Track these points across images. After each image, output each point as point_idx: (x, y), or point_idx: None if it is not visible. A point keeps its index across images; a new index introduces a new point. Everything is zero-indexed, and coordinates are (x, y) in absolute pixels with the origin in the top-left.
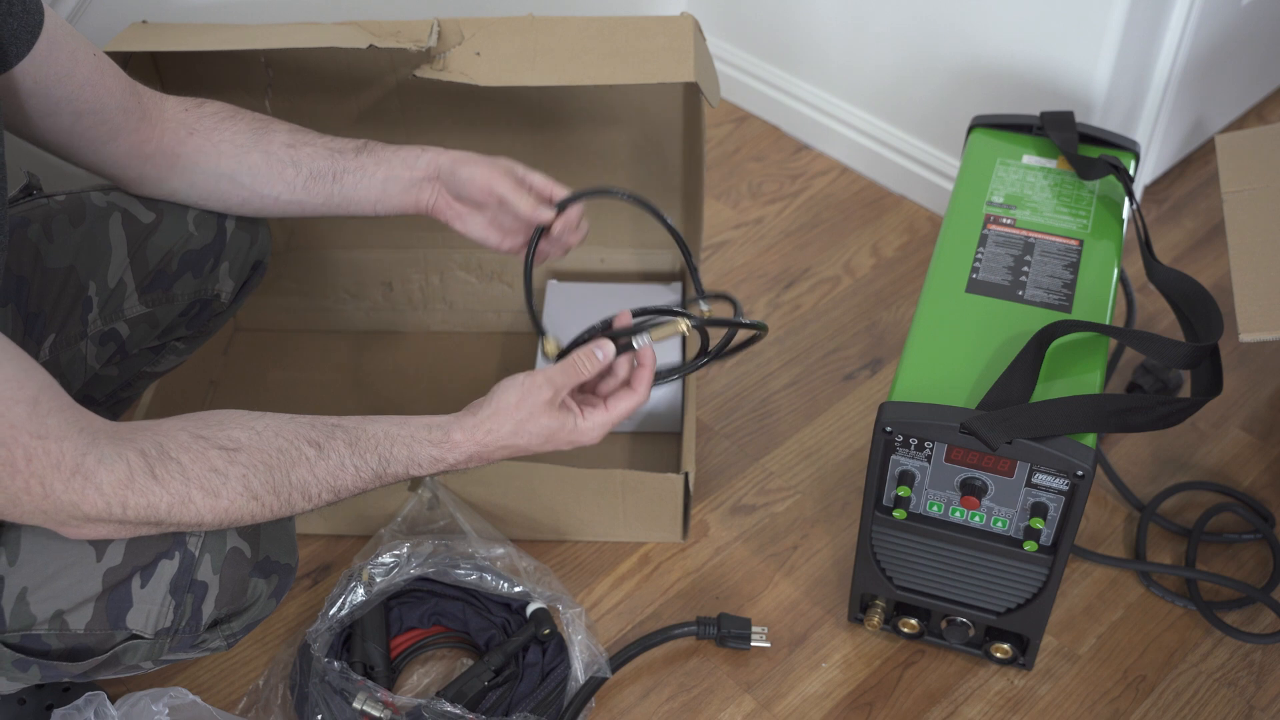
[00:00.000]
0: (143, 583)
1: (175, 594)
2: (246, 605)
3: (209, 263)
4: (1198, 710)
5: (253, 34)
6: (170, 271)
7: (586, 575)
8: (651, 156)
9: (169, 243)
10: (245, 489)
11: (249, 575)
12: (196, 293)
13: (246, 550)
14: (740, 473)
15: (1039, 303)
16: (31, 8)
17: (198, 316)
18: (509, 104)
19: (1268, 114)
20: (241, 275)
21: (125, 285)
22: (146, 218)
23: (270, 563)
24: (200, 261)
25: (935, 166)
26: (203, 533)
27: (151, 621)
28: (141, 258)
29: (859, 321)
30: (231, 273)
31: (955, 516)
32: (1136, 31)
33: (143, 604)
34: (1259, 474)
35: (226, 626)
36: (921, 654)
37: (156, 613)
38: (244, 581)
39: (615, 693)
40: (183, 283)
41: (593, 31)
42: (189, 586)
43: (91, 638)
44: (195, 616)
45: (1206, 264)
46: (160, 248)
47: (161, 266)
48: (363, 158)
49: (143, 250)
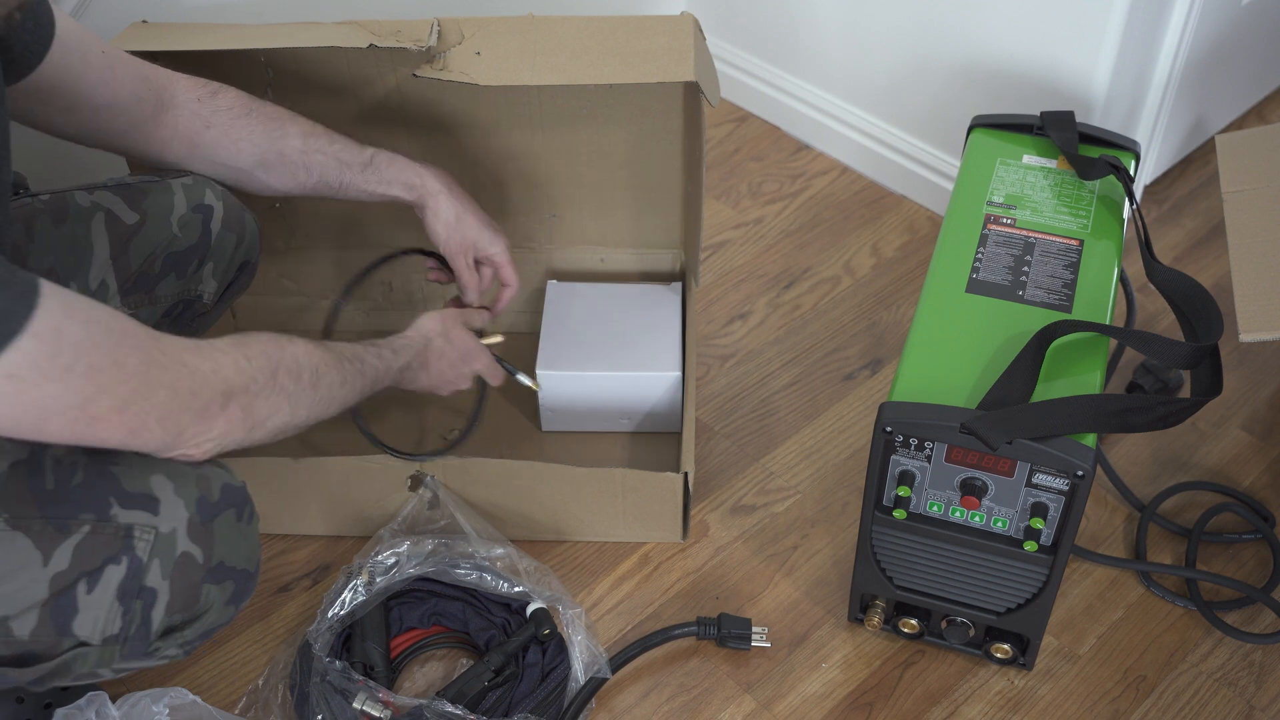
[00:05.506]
0: (89, 588)
1: (123, 600)
2: (200, 613)
3: (193, 264)
4: (1198, 710)
5: (253, 34)
6: (153, 273)
7: (586, 575)
8: (651, 156)
9: (152, 244)
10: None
11: (201, 582)
12: (180, 294)
13: (199, 556)
14: (740, 473)
15: (1039, 303)
16: (44, 18)
17: (181, 317)
18: (509, 103)
19: (1268, 114)
20: (227, 276)
21: (107, 286)
22: (130, 218)
23: (225, 569)
24: (184, 263)
25: (935, 166)
26: (152, 538)
27: (99, 628)
28: (124, 259)
29: (859, 321)
30: (215, 274)
31: (955, 516)
32: (1136, 31)
33: (89, 610)
34: (1259, 474)
35: (180, 634)
36: (921, 654)
37: (104, 619)
38: (195, 588)
39: (615, 693)
40: (166, 284)
41: (593, 31)
42: (137, 593)
43: (38, 644)
44: (145, 624)
45: (1206, 264)
46: (143, 249)
47: (145, 268)
48: (368, 174)
49: (125, 251)
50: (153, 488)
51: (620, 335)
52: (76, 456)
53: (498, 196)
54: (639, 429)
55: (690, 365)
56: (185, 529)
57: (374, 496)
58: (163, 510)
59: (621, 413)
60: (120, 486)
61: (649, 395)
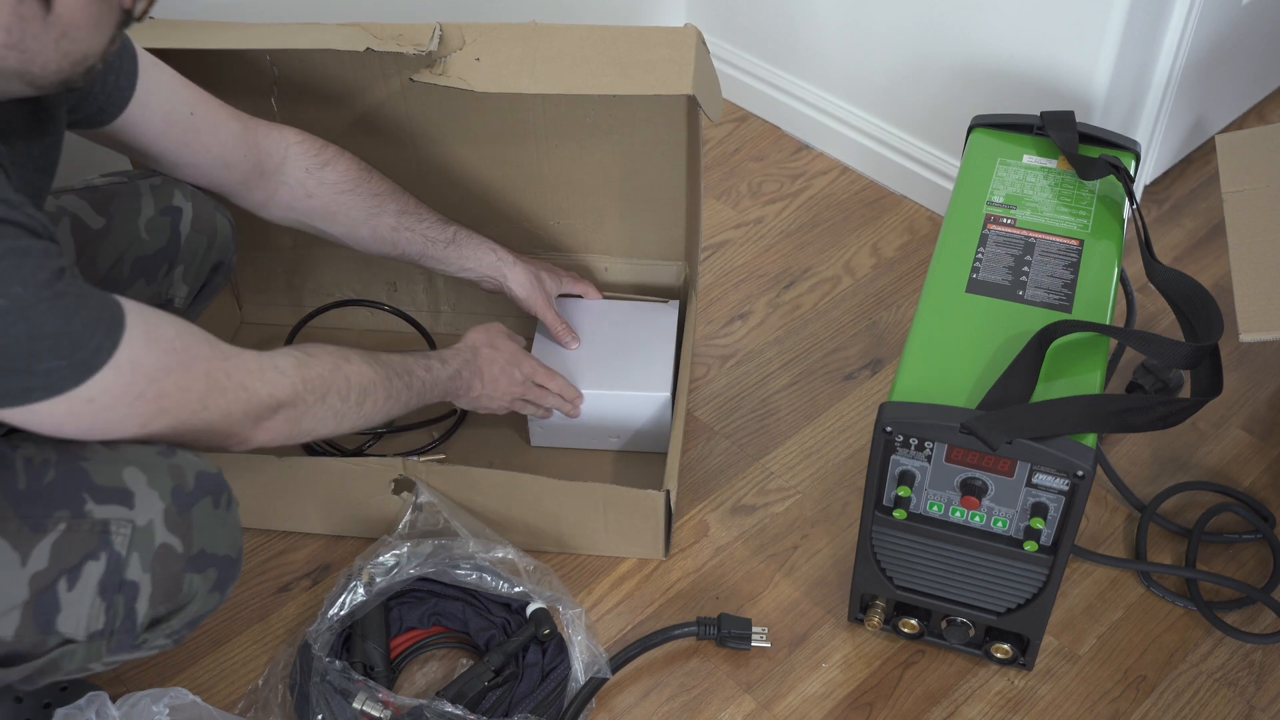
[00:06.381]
0: (70, 586)
1: (105, 595)
2: (184, 602)
3: (162, 268)
4: (1198, 710)
5: (256, 33)
6: (121, 277)
7: (586, 576)
8: (653, 166)
9: (119, 249)
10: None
11: (183, 571)
12: (150, 299)
13: (178, 546)
14: (740, 473)
15: (1039, 303)
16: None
17: None
18: (513, 110)
19: (1268, 114)
20: (199, 278)
21: None
22: (96, 223)
23: (206, 556)
24: (153, 267)
25: (935, 166)
26: (129, 531)
27: (83, 625)
28: (90, 263)
29: (859, 321)
30: (186, 278)
31: (955, 516)
32: (1136, 31)
33: (71, 607)
34: (1259, 474)
35: (166, 625)
36: (921, 654)
37: (87, 615)
38: (177, 578)
39: (615, 693)
40: (135, 289)
41: (594, 40)
42: (119, 587)
43: (23, 644)
44: (129, 617)
45: (1206, 264)
46: (110, 254)
47: (112, 273)
48: (449, 251)
49: (92, 256)
50: (125, 480)
51: (613, 353)
52: (48, 454)
53: (499, 204)
54: (627, 448)
55: (683, 384)
56: (162, 520)
57: (374, 496)
58: (137, 503)
59: (610, 431)
60: (92, 482)
61: (638, 415)
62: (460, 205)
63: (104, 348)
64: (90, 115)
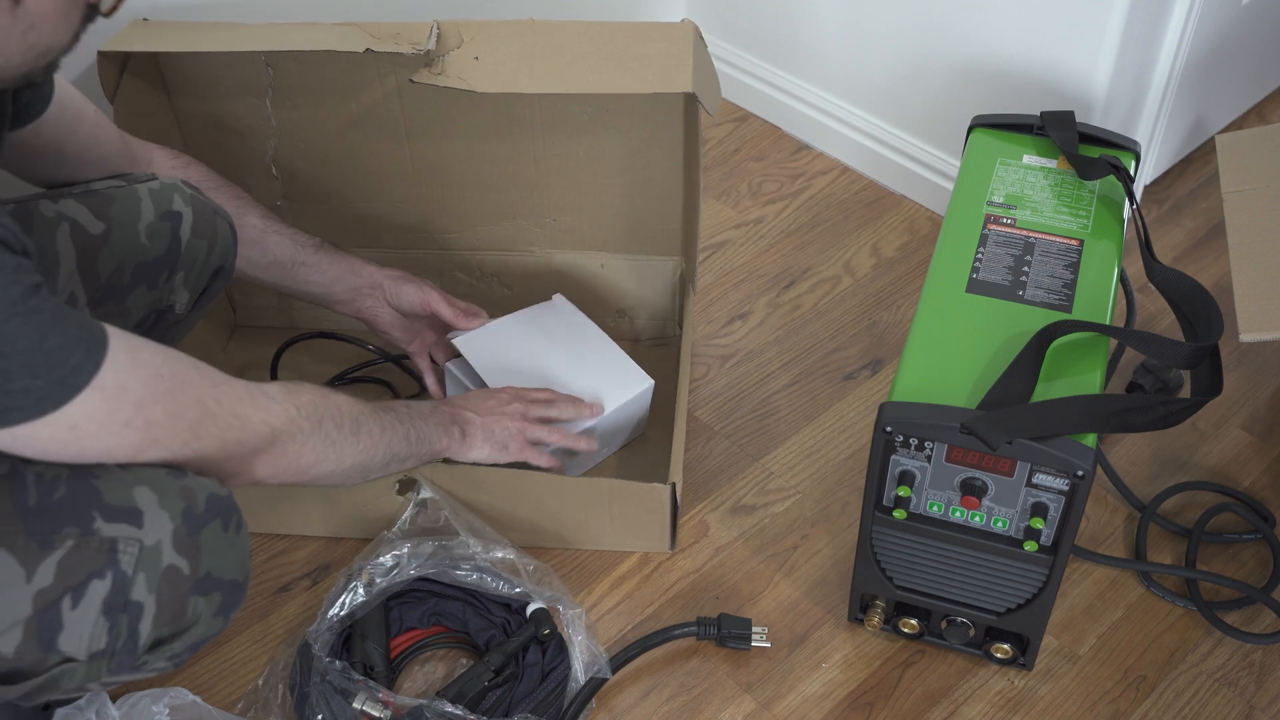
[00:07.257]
0: (74, 604)
1: (109, 615)
2: (188, 625)
3: (163, 275)
4: (1198, 710)
5: (252, 34)
6: (123, 283)
7: (586, 576)
8: (651, 162)
9: (119, 255)
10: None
11: (188, 594)
12: (152, 304)
13: (185, 568)
14: (740, 473)
15: (1039, 303)
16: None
17: (154, 327)
18: (509, 107)
19: (1268, 114)
20: (199, 284)
21: (76, 298)
22: (96, 229)
23: (213, 579)
24: (154, 274)
25: (935, 166)
26: (137, 551)
27: (84, 644)
28: (91, 270)
29: (859, 321)
30: (187, 283)
31: (955, 516)
32: (1136, 31)
33: (74, 626)
34: (1259, 474)
35: (168, 647)
36: (921, 654)
37: (89, 635)
38: (182, 600)
39: (615, 693)
40: (137, 295)
41: (592, 36)
42: (123, 607)
43: (23, 661)
44: (132, 638)
45: (1206, 264)
46: (111, 260)
47: (114, 279)
48: (320, 256)
49: (93, 262)
50: (136, 500)
51: (567, 370)
52: (59, 470)
53: (495, 201)
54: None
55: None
56: (170, 541)
57: (373, 497)
58: (147, 523)
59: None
60: (103, 500)
61: (635, 412)
62: (456, 203)
63: (83, 368)
64: (23, 109)
